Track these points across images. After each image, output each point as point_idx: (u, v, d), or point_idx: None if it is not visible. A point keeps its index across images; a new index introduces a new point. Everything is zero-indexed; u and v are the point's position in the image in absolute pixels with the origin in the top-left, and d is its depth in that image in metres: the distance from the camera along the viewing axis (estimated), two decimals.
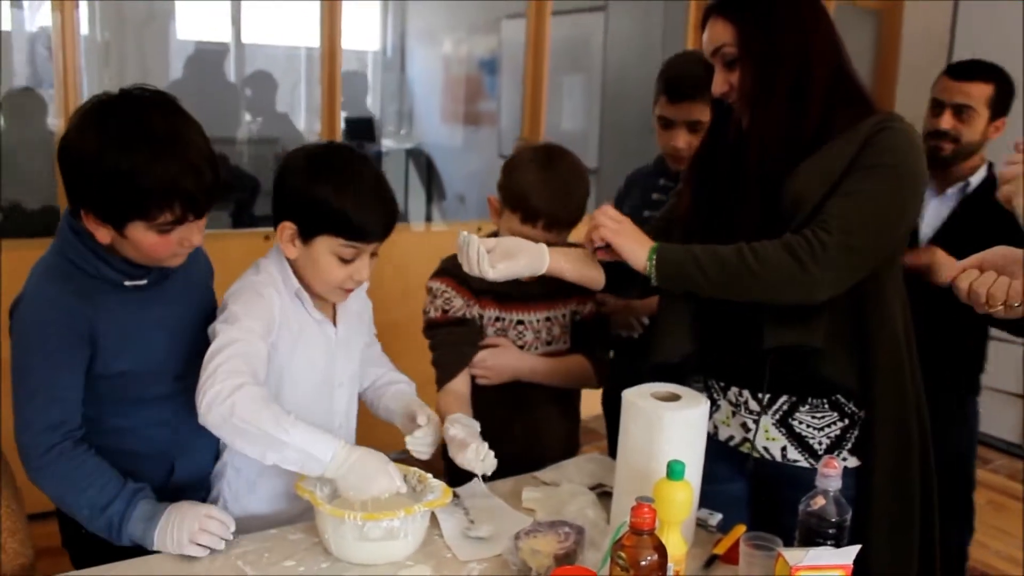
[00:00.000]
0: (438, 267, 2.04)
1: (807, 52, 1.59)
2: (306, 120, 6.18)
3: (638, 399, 1.59)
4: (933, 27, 4.65)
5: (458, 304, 2.00)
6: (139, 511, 1.56)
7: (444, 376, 1.98)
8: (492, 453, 1.69)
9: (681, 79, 2.19)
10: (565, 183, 1.92)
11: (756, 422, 1.70)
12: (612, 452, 1.83)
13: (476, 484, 1.80)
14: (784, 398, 1.68)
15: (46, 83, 4.44)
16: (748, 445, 1.73)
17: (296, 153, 1.73)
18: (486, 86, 6.06)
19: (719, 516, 1.68)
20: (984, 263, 1.40)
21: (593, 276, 1.76)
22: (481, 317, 2.02)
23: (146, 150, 1.46)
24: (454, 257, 1.97)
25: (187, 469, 1.75)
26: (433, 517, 1.64)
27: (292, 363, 1.71)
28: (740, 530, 1.58)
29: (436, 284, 2.01)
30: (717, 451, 1.71)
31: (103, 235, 1.53)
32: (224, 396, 1.50)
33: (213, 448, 1.82)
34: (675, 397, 1.60)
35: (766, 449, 1.71)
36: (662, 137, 2.27)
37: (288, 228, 1.67)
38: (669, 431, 1.54)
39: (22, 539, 1.63)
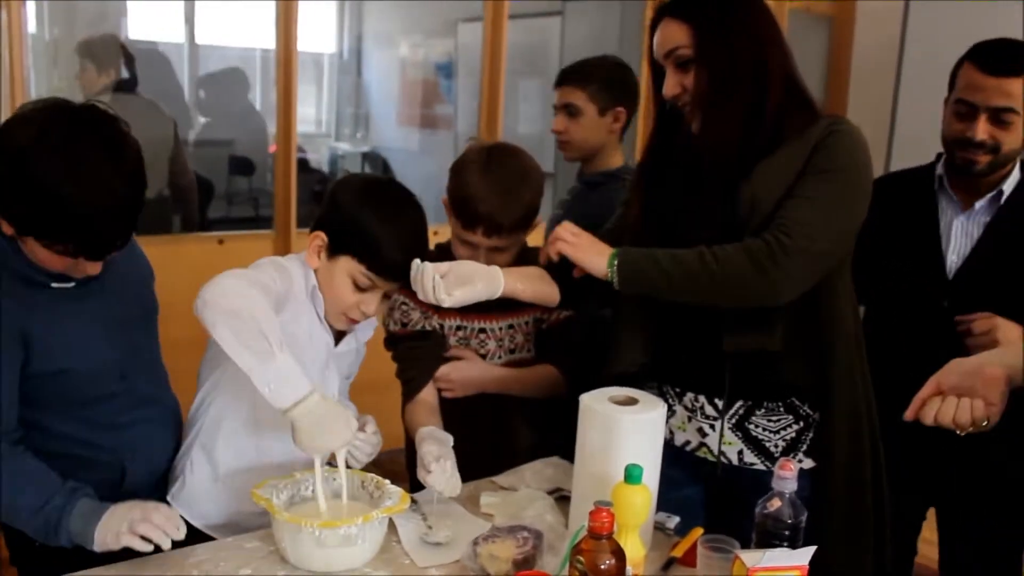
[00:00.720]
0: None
1: (763, 57, 1.61)
2: (261, 123, 6.13)
3: (595, 403, 1.60)
4: (884, 31, 4.73)
5: (416, 316, 1.98)
6: (79, 507, 1.51)
7: (410, 391, 1.97)
8: (457, 475, 1.68)
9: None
10: (506, 187, 1.86)
11: (713, 427, 1.72)
12: (569, 456, 1.83)
13: (432, 490, 1.79)
14: (740, 402, 1.70)
15: None
16: (705, 450, 1.74)
17: (357, 176, 1.88)
18: (442, 89, 6.05)
19: (676, 519, 1.69)
20: (942, 386, 1.37)
21: (548, 293, 1.75)
22: (442, 327, 2.00)
23: (60, 177, 1.41)
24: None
25: (139, 473, 1.73)
26: (391, 523, 1.63)
27: (295, 348, 1.64)
28: (697, 533, 1.59)
29: (394, 296, 1.97)
30: (673, 456, 1.72)
31: (6, 227, 1.49)
32: (234, 289, 1.50)
33: (168, 450, 1.81)
34: (632, 401, 1.61)
35: (723, 453, 1.73)
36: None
37: (319, 238, 1.73)
38: (627, 435, 1.55)
39: None
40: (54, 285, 1.57)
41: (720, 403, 1.70)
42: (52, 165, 1.41)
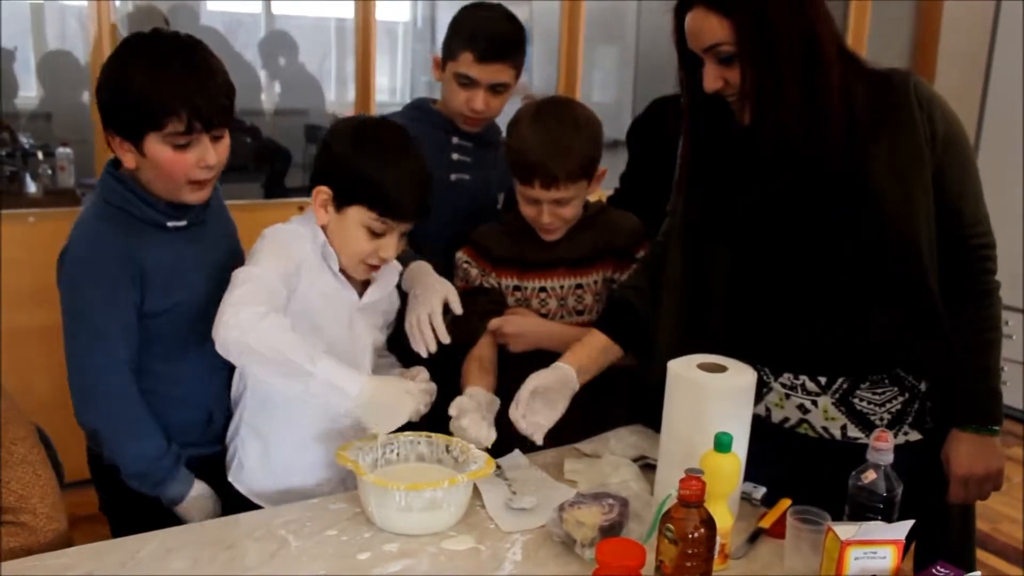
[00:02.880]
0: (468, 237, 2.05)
1: (814, 36, 1.50)
2: (336, 92, 6.16)
3: (684, 370, 1.57)
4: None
5: (474, 274, 2.00)
6: (181, 475, 1.68)
7: (462, 345, 1.96)
8: (487, 425, 1.70)
9: (493, 38, 2.05)
10: (557, 136, 1.84)
11: (815, 403, 1.67)
12: (650, 424, 1.81)
13: (518, 455, 1.79)
14: (842, 378, 1.65)
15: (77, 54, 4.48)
16: (806, 426, 1.70)
17: (347, 121, 1.77)
18: None
19: (763, 490, 1.66)
20: None
21: (613, 357, 1.79)
22: (499, 285, 2.00)
23: (158, 65, 1.56)
24: (482, 229, 2.03)
25: (223, 416, 1.81)
26: (475, 488, 1.63)
27: (314, 315, 1.70)
28: (785, 504, 1.56)
29: (459, 255, 2.02)
30: (769, 433, 1.69)
31: (129, 160, 1.61)
32: (248, 324, 1.50)
33: None
34: (721, 368, 1.58)
35: (825, 429, 1.68)
36: (457, 95, 2.09)
37: (323, 193, 1.69)
38: (716, 403, 1.52)
39: (54, 503, 1.63)
40: (169, 224, 1.67)
41: (823, 379, 1.66)
42: (141, 64, 1.57)
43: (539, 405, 1.70)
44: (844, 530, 1.29)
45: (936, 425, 1.65)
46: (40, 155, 4.00)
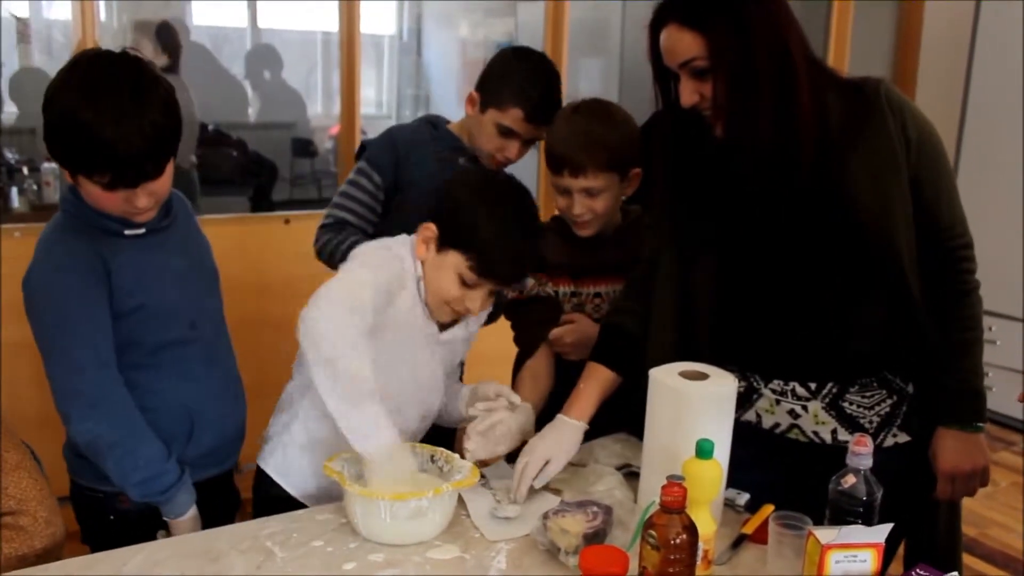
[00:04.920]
0: None
1: (785, 48, 1.52)
2: (323, 105, 6.18)
3: (665, 378, 1.58)
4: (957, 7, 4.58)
5: (530, 283, 2.02)
6: (189, 484, 1.69)
7: (522, 354, 2.02)
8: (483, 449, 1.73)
9: (546, 100, 2.07)
10: (587, 128, 1.89)
11: (805, 408, 1.69)
12: (635, 432, 1.82)
13: (503, 465, 1.80)
14: (831, 383, 1.66)
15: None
16: (797, 431, 1.71)
17: (475, 172, 1.89)
18: None
19: (747, 496, 1.67)
20: None
21: (615, 387, 1.79)
22: (556, 293, 2.03)
23: (92, 111, 1.49)
24: None
25: (206, 433, 1.78)
26: (460, 498, 1.64)
27: (399, 333, 1.71)
28: (768, 510, 1.57)
29: None
30: (758, 439, 1.71)
31: (68, 176, 1.59)
32: (346, 334, 1.50)
33: (235, 420, 1.86)
34: (702, 376, 1.59)
35: (816, 433, 1.70)
36: (492, 141, 2.11)
37: (430, 230, 1.72)
38: (697, 410, 1.54)
39: (51, 507, 1.66)
40: (127, 232, 1.66)
41: (812, 385, 1.67)
42: (74, 96, 1.51)
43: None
44: (825, 534, 1.30)
45: (923, 426, 1.67)
46: (25, 170, 4.00)
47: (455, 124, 2.23)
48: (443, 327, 1.79)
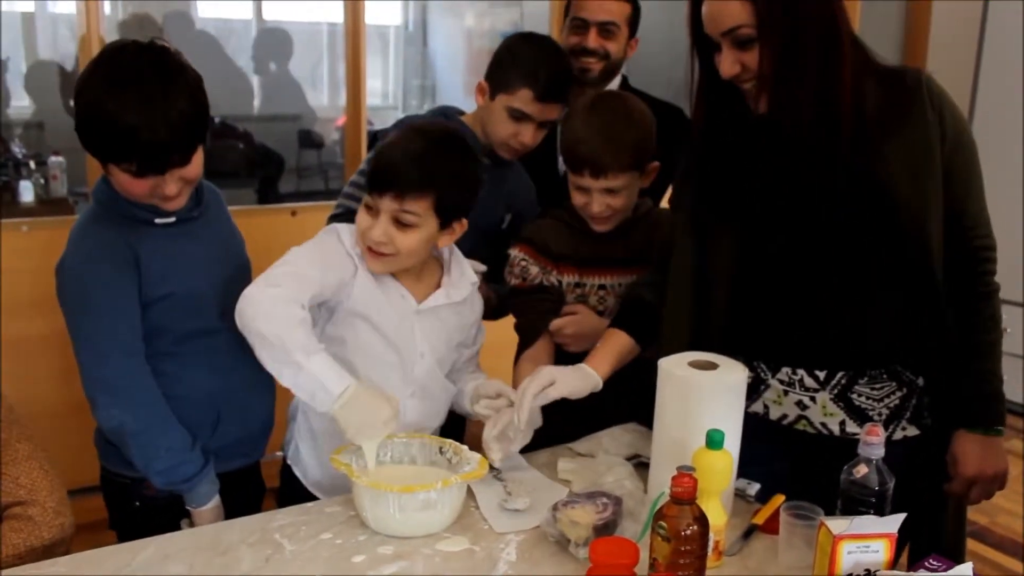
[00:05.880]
0: (519, 234, 2.06)
1: (834, 24, 1.50)
2: (328, 96, 6.16)
3: (674, 368, 1.57)
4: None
5: (534, 271, 2.00)
6: (213, 474, 1.71)
7: (522, 344, 2.01)
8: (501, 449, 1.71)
9: (555, 78, 2.04)
10: (608, 126, 1.87)
11: (813, 399, 1.67)
12: (645, 422, 1.81)
13: (514, 456, 1.79)
14: (841, 373, 1.65)
15: (68, 63, 4.49)
16: (804, 423, 1.69)
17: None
18: None
19: (757, 486, 1.66)
20: None
21: (633, 356, 1.80)
22: (560, 283, 2.01)
23: (118, 99, 1.52)
24: (534, 225, 2.03)
25: (232, 424, 1.79)
26: (470, 489, 1.63)
27: (372, 315, 1.72)
28: (779, 500, 1.56)
29: (514, 252, 2.03)
30: (766, 430, 1.69)
31: (99, 166, 1.63)
32: (265, 304, 1.55)
33: (262, 414, 1.87)
34: (712, 365, 1.58)
35: (824, 425, 1.68)
36: (505, 127, 2.07)
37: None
38: (707, 400, 1.52)
39: (60, 498, 1.68)
40: (157, 221, 1.68)
41: (821, 374, 1.65)
42: (100, 86, 1.54)
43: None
44: (836, 525, 1.29)
45: (935, 422, 1.65)
46: (32, 164, 4.00)
47: (468, 116, 2.21)
48: (422, 297, 1.77)
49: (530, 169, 2.29)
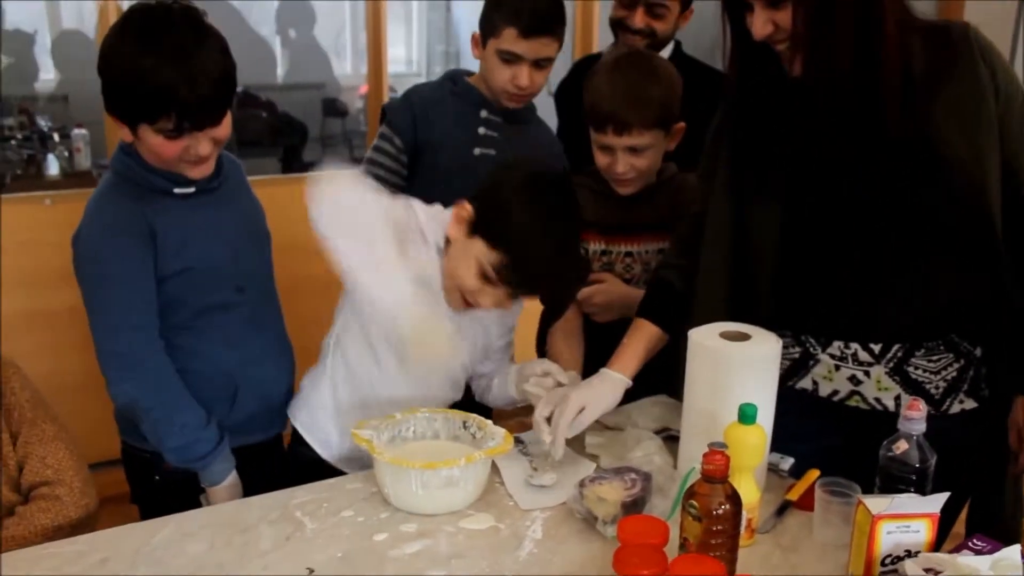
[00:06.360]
0: None
1: None
2: (352, 64, 6.11)
3: (705, 339, 1.52)
4: None
5: None
6: (227, 452, 1.69)
7: (549, 313, 1.97)
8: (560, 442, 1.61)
9: (537, 13, 1.98)
10: (632, 83, 1.82)
11: (868, 373, 1.58)
12: (675, 394, 1.76)
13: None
14: (897, 345, 1.56)
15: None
16: (857, 398, 1.61)
17: (530, 163, 1.75)
18: None
19: (791, 460, 1.61)
20: None
21: (660, 347, 1.72)
22: (586, 251, 1.96)
23: (153, 56, 1.50)
24: None
25: (250, 398, 1.77)
26: (494, 464, 1.60)
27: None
28: (813, 475, 1.52)
29: None
30: (815, 407, 1.63)
31: (125, 134, 1.60)
32: (354, 186, 1.51)
33: (281, 387, 1.84)
34: (744, 336, 1.52)
35: (878, 400, 1.60)
36: (501, 72, 2.03)
37: (466, 210, 1.61)
38: (739, 372, 1.47)
39: (86, 478, 1.69)
40: (176, 191, 1.65)
41: (876, 348, 1.57)
42: (132, 46, 1.52)
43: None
44: (875, 503, 1.24)
45: (992, 392, 1.58)
46: (56, 137, 4.00)
47: (475, 76, 2.17)
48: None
49: (571, 129, 2.25)
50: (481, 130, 2.13)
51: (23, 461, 1.62)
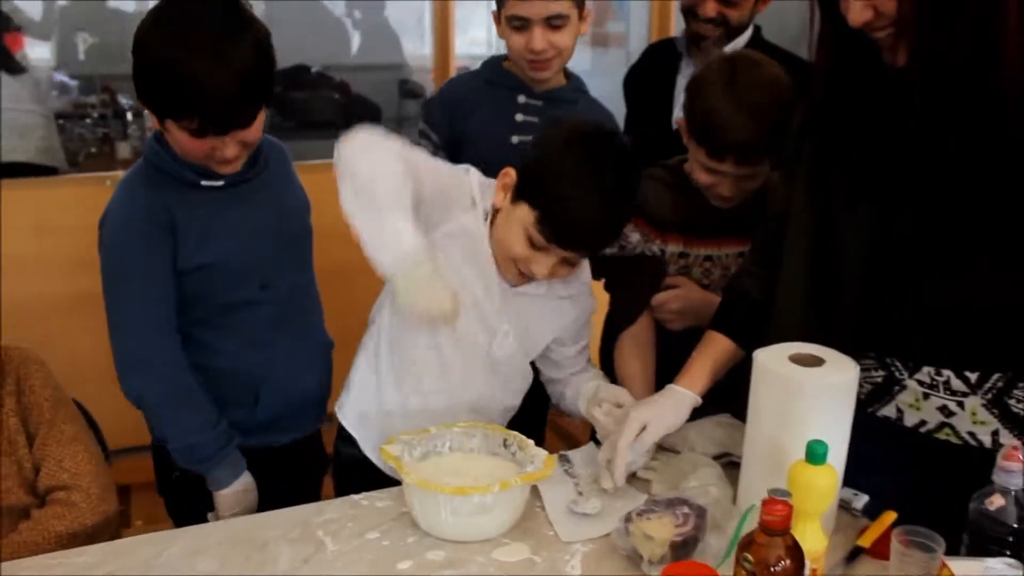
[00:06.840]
0: None
1: None
2: (431, 47, 6.02)
3: (772, 362, 1.36)
4: None
5: (635, 239, 1.81)
6: (233, 456, 1.61)
7: (621, 321, 1.83)
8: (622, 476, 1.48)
9: None
10: (755, 104, 1.63)
11: (961, 404, 1.40)
12: (740, 415, 1.59)
13: (592, 448, 1.62)
14: (997, 375, 1.37)
15: None
16: (948, 431, 1.43)
17: (575, 121, 1.61)
18: (614, 6, 5.73)
19: (865, 498, 1.43)
20: None
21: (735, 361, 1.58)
22: (663, 252, 1.82)
23: (182, 49, 1.43)
24: None
25: (273, 399, 1.70)
26: (535, 487, 1.47)
27: (463, 238, 1.56)
28: (890, 518, 1.35)
29: None
30: (897, 438, 1.45)
31: (155, 122, 1.54)
32: (373, 143, 1.42)
33: (312, 386, 1.76)
34: (818, 361, 1.36)
35: (971, 435, 1.41)
36: (516, 42, 1.93)
37: (509, 176, 1.55)
38: (809, 402, 1.31)
39: (104, 484, 1.62)
40: (204, 183, 1.59)
41: (972, 376, 1.39)
42: (165, 35, 1.45)
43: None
44: (963, 566, 1.07)
45: None
46: (130, 116, 3.98)
47: (510, 60, 2.05)
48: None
49: (641, 118, 2.16)
50: (519, 116, 2.01)
51: (40, 463, 1.57)
